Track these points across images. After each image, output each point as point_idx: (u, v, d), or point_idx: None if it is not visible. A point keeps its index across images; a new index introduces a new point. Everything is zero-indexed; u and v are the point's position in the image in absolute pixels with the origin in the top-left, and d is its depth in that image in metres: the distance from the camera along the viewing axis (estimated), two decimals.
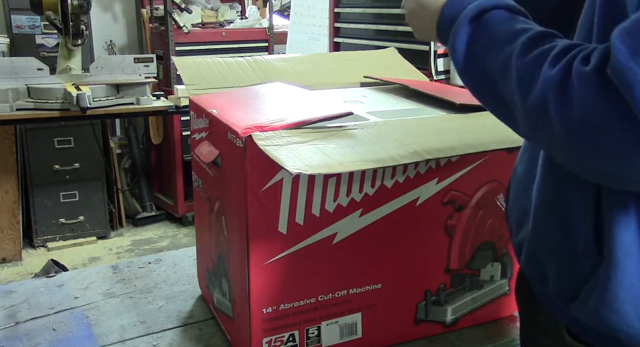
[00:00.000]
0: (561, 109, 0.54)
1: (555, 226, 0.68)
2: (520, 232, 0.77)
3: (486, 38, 0.64)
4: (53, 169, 3.48)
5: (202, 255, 1.16)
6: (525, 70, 0.58)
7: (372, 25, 2.82)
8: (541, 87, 0.56)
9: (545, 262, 0.71)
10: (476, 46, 0.65)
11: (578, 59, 0.54)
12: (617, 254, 0.61)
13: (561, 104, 0.54)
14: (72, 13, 2.76)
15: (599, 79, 0.51)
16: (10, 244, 3.34)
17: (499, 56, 0.61)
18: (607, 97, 0.51)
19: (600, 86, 0.51)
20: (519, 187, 0.78)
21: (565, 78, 0.54)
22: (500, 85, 0.61)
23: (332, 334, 0.97)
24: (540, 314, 0.77)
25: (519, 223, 0.77)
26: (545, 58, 0.56)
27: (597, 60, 0.52)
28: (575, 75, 0.53)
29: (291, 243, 0.90)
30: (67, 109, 2.64)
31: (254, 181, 0.85)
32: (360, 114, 1.00)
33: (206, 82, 1.18)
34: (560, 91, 0.54)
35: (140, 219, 3.92)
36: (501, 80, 0.61)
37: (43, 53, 3.59)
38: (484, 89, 0.65)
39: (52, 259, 2.50)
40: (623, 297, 0.61)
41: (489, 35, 0.64)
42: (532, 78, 0.57)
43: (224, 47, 3.83)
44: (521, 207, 0.77)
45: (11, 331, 1.06)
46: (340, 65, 1.39)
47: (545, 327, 0.76)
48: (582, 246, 0.64)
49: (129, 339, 1.04)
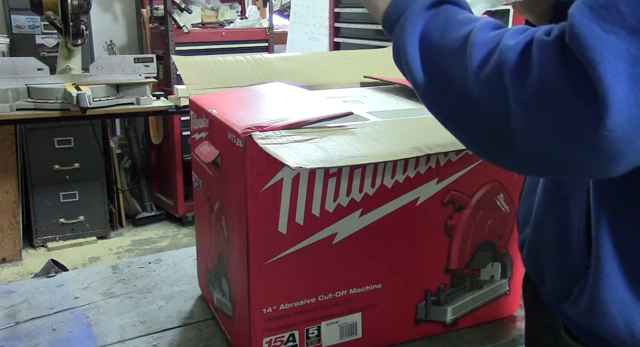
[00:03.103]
0: (519, 80, 0.49)
1: (553, 225, 0.69)
2: (524, 230, 0.79)
3: (442, 21, 0.59)
4: (53, 169, 3.48)
5: (202, 255, 1.16)
6: (482, 44, 0.53)
7: (372, 25, 2.82)
8: (497, 57, 0.51)
9: (542, 261, 0.72)
10: (432, 29, 0.59)
11: (540, 31, 0.51)
12: (604, 257, 0.60)
13: (519, 75, 0.49)
14: (72, 13, 2.76)
15: (560, 47, 0.48)
16: (10, 244, 3.34)
17: (456, 34, 0.56)
18: (567, 64, 0.47)
19: (561, 53, 0.47)
20: (528, 189, 0.81)
21: (526, 48, 0.50)
22: (454, 66, 0.56)
23: (332, 334, 0.97)
24: (543, 312, 0.78)
25: (524, 222, 0.80)
26: (505, 33, 0.53)
27: (558, 31, 0.49)
28: (535, 46, 0.49)
29: (291, 243, 0.90)
30: (67, 109, 2.64)
31: (254, 181, 0.85)
32: (360, 114, 1.00)
33: (206, 81, 1.18)
34: (519, 62, 0.50)
35: (140, 219, 3.92)
36: (457, 61, 0.55)
37: (43, 53, 3.60)
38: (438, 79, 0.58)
39: (52, 259, 2.50)
40: (609, 300, 0.60)
41: (445, 19, 0.59)
42: (490, 51, 0.53)
43: (224, 47, 3.83)
44: (527, 207, 0.79)
45: (11, 331, 1.06)
46: (340, 65, 1.39)
47: (547, 325, 0.77)
48: (576, 247, 0.65)
49: (129, 339, 1.04)
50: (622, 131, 0.45)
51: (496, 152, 0.55)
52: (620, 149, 0.46)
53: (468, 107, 0.55)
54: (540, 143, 0.50)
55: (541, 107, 0.48)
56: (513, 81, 0.50)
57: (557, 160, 0.50)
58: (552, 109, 0.48)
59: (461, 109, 0.56)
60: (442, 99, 0.58)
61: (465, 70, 0.54)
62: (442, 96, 0.58)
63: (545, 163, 0.52)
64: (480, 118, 0.54)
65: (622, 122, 0.45)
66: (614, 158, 0.47)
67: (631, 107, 0.45)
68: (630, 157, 0.47)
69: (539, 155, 0.51)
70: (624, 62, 0.45)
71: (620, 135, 0.45)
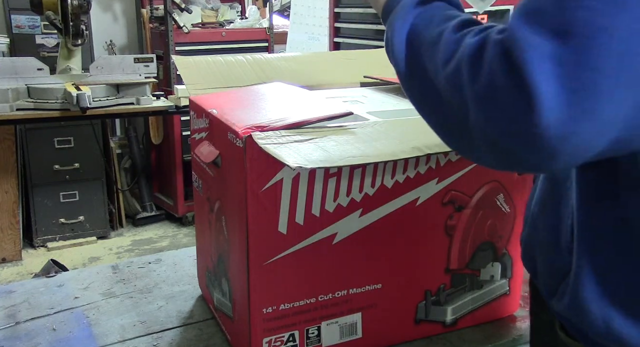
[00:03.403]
0: (473, 76, 0.52)
1: (546, 223, 0.71)
2: (524, 228, 0.82)
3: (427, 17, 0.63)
4: (53, 169, 3.48)
5: (202, 255, 1.16)
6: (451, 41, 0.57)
7: (372, 25, 2.82)
8: (460, 53, 0.55)
9: (536, 258, 0.75)
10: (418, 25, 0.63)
11: (495, 29, 0.53)
12: (583, 256, 0.62)
13: (473, 72, 0.52)
14: (72, 13, 2.76)
15: (505, 47, 0.50)
16: (10, 244, 3.34)
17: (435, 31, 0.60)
18: (508, 64, 0.49)
19: (504, 53, 0.50)
20: (534, 188, 0.83)
21: (481, 46, 0.53)
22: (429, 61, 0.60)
23: (332, 334, 0.97)
24: (542, 310, 0.80)
25: (525, 220, 0.83)
26: (471, 32, 0.56)
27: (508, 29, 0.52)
28: (488, 44, 0.52)
29: (291, 243, 0.90)
30: (67, 109, 2.64)
31: (254, 181, 0.85)
32: (360, 114, 1.00)
33: (206, 81, 1.18)
34: (474, 59, 0.53)
35: (140, 219, 3.93)
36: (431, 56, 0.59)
37: (43, 53, 3.60)
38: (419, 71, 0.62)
39: (52, 259, 2.50)
40: (588, 298, 0.62)
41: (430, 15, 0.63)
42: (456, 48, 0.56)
43: (224, 47, 3.83)
44: (529, 206, 0.82)
45: (11, 331, 1.07)
46: (340, 65, 1.39)
47: (546, 322, 0.78)
48: (564, 245, 0.67)
49: (129, 339, 1.04)
50: (554, 129, 0.47)
51: (460, 144, 0.58)
52: (554, 146, 0.48)
53: (438, 100, 0.58)
54: (488, 137, 0.52)
55: (489, 103, 0.51)
56: (468, 77, 0.53)
57: (504, 154, 0.52)
58: (497, 105, 0.50)
59: (434, 101, 0.59)
60: (419, 90, 0.61)
61: (437, 66, 0.57)
62: (420, 88, 0.61)
63: (496, 156, 0.54)
64: (447, 111, 0.57)
65: (553, 121, 0.47)
66: (550, 155, 0.49)
67: (561, 106, 0.47)
68: (568, 154, 0.49)
69: (490, 149, 0.53)
70: (549, 63, 0.47)
71: (553, 134, 0.47)
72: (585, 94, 0.46)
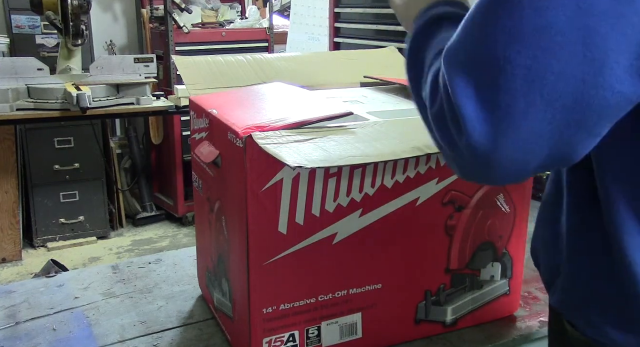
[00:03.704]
0: (431, 100, 0.59)
1: (545, 220, 0.76)
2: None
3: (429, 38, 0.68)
4: (53, 169, 3.48)
5: (202, 255, 1.16)
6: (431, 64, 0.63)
7: (372, 25, 2.82)
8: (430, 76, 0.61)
9: (538, 254, 0.80)
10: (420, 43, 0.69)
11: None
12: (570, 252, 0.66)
13: (432, 96, 0.59)
14: (72, 13, 2.76)
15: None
16: (10, 244, 3.34)
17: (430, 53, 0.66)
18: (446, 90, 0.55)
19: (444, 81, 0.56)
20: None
21: (436, 73, 0.59)
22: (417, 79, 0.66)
23: (332, 334, 0.97)
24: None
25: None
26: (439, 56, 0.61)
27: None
28: (441, 70, 0.57)
29: (291, 243, 0.90)
30: (67, 109, 2.64)
31: (254, 181, 0.85)
32: (360, 114, 1.00)
33: (206, 81, 1.18)
34: (433, 82, 0.59)
35: (140, 219, 3.93)
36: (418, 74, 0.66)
37: (43, 53, 3.60)
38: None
39: (52, 259, 2.50)
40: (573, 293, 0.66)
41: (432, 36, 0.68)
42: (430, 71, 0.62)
43: (224, 47, 3.83)
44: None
45: (11, 331, 1.07)
46: (340, 65, 1.39)
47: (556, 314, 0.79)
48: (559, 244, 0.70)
49: (129, 339, 1.04)
50: (481, 146, 0.53)
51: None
52: (487, 161, 0.54)
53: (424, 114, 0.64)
54: (444, 152, 0.60)
55: (439, 124, 0.58)
56: (429, 102, 0.59)
57: (459, 168, 0.59)
58: (443, 126, 0.57)
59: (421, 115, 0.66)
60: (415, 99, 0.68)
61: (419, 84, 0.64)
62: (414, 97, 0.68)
63: (456, 169, 0.61)
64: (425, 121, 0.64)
65: (478, 138, 0.53)
66: (489, 168, 0.54)
67: (483, 125, 0.52)
68: (505, 168, 0.54)
69: (449, 163, 0.61)
70: (471, 88, 0.53)
71: (481, 151, 0.53)
72: (502, 114, 0.51)
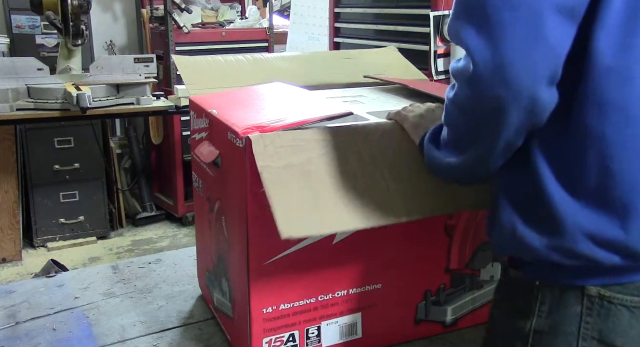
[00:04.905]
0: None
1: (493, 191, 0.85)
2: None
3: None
4: (53, 169, 3.48)
5: (202, 255, 1.16)
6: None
7: (372, 25, 2.81)
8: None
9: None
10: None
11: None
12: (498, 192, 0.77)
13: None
14: (72, 13, 2.76)
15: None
16: (10, 244, 3.33)
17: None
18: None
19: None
20: None
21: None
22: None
23: (332, 334, 0.97)
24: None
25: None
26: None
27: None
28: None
29: (291, 243, 0.90)
30: (67, 109, 2.64)
31: (254, 181, 0.85)
32: (360, 114, 1.00)
33: (206, 81, 1.18)
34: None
35: (140, 219, 3.92)
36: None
37: (43, 53, 3.59)
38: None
39: (52, 259, 2.50)
40: (502, 217, 0.76)
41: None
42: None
43: (224, 47, 3.82)
44: None
45: (11, 331, 1.07)
46: (340, 64, 1.39)
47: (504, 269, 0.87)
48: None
49: (129, 339, 1.04)
50: (488, 59, 0.65)
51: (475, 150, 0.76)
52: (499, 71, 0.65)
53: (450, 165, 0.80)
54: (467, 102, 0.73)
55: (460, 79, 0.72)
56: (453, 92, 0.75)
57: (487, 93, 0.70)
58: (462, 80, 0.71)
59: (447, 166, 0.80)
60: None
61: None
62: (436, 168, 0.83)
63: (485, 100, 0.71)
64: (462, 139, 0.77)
65: (484, 53, 0.65)
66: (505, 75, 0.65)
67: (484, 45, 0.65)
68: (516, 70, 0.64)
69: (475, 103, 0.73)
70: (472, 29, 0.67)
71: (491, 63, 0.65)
72: (493, 31, 0.65)
